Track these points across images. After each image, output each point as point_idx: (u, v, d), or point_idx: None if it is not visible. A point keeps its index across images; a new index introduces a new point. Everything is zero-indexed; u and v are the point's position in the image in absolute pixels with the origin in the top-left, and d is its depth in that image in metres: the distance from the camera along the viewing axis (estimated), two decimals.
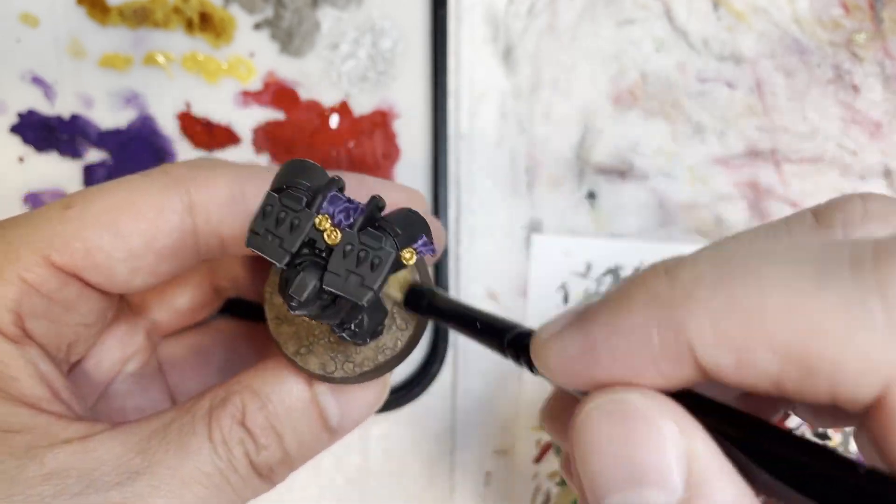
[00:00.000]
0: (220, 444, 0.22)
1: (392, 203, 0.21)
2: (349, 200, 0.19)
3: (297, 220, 0.19)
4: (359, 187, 0.26)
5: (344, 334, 0.21)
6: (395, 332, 0.23)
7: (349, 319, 0.21)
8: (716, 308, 0.15)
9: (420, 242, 0.19)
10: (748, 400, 0.22)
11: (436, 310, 0.22)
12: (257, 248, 0.19)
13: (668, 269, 0.16)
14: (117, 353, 0.28)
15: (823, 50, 0.36)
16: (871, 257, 0.14)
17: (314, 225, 0.19)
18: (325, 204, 0.19)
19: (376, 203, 0.19)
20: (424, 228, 0.19)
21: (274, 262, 0.19)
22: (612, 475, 0.16)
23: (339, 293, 0.18)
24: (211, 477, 0.21)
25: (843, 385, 0.14)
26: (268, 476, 0.23)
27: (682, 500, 0.15)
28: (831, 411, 0.20)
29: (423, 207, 0.29)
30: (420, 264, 0.24)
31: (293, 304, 0.18)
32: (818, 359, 0.14)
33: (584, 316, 0.18)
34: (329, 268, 0.18)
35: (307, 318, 0.23)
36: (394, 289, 0.23)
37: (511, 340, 0.20)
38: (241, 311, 0.33)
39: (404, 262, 0.19)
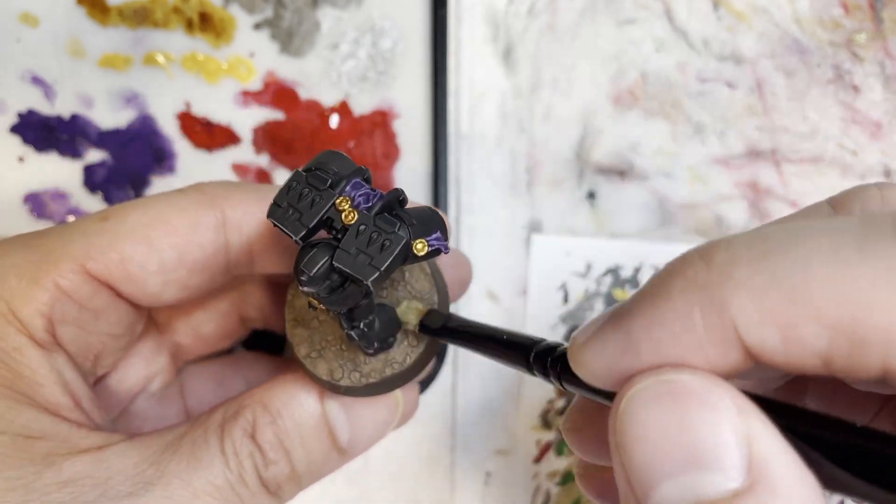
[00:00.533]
0: (232, 457, 0.22)
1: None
2: (372, 188, 0.19)
3: (318, 198, 0.19)
4: None
5: (353, 332, 0.21)
6: (405, 348, 0.23)
7: (359, 316, 0.21)
8: (757, 285, 0.15)
9: (434, 236, 0.19)
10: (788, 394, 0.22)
11: (451, 332, 0.22)
12: (277, 220, 0.19)
13: (701, 253, 0.16)
14: (142, 371, 0.28)
15: (823, 50, 0.36)
16: None
17: (334, 205, 0.19)
18: (347, 187, 0.19)
19: (397, 194, 0.20)
20: (441, 226, 0.19)
21: (290, 234, 0.19)
22: (663, 461, 0.15)
23: (346, 269, 0.18)
24: (222, 490, 0.22)
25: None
26: (275, 492, 0.23)
27: (745, 486, 0.14)
28: (847, 400, 0.20)
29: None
30: (441, 287, 0.24)
31: (303, 278, 0.18)
32: (868, 329, 0.14)
33: (619, 313, 0.17)
34: (341, 245, 0.18)
35: (321, 322, 0.23)
36: (411, 316, 0.23)
37: (538, 355, 0.20)
38: (264, 345, 0.34)
39: (416, 252, 0.19)
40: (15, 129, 0.36)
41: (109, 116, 0.36)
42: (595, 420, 0.22)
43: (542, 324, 0.37)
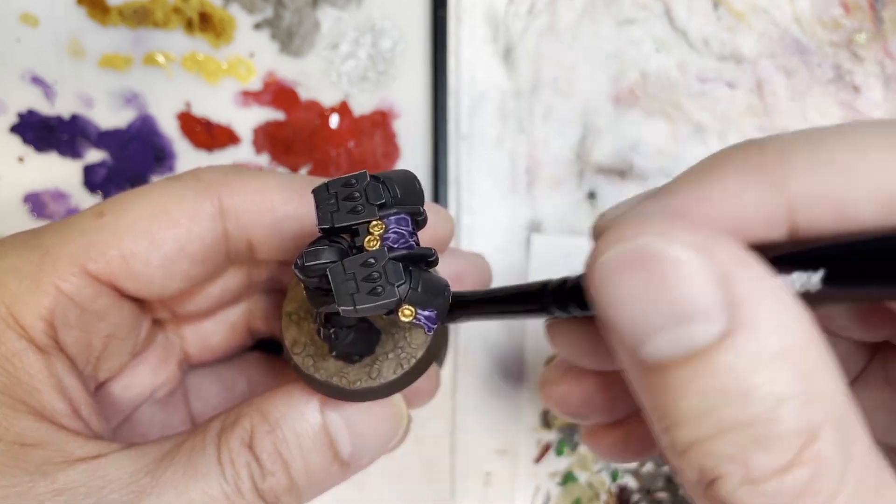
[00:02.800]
0: (228, 467, 0.21)
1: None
2: (413, 233, 0.19)
3: (361, 208, 0.19)
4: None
5: (322, 330, 0.21)
6: (392, 361, 0.22)
7: (336, 323, 0.21)
8: (816, 167, 0.16)
9: (427, 312, 0.19)
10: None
11: (462, 310, 0.22)
12: (316, 197, 0.19)
13: (754, 142, 0.17)
14: (148, 379, 0.28)
15: (824, 50, 0.36)
16: None
17: (368, 224, 0.19)
18: (392, 217, 0.19)
19: (427, 255, 0.19)
20: (441, 308, 0.19)
21: (317, 217, 0.19)
22: (649, 318, 0.15)
23: (331, 286, 0.18)
24: (217, 500, 0.21)
25: None
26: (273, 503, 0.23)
27: (730, 326, 0.15)
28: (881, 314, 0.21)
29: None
30: (432, 347, 0.23)
31: (298, 261, 0.18)
32: None
33: (663, 190, 0.17)
34: (346, 261, 0.18)
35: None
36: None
37: (553, 291, 0.20)
38: (270, 347, 0.33)
39: (401, 315, 0.19)
40: (15, 129, 0.36)
41: (109, 116, 0.36)
42: (570, 376, 0.23)
43: (541, 323, 0.37)
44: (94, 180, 0.37)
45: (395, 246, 0.19)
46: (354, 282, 0.18)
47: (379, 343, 0.22)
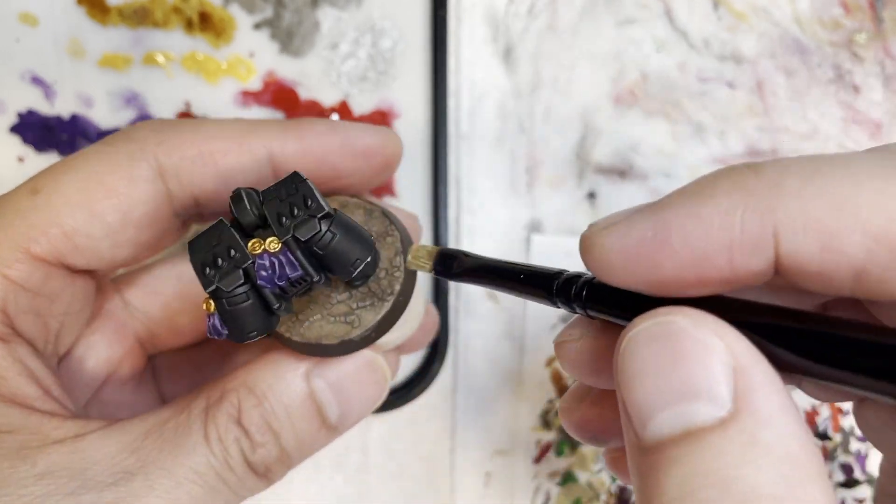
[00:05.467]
0: (216, 443, 0.21)
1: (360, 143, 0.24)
2: (291, 280, 0.20)
3: (289, 218, 0.19)
4: (331, 132, 0.25)
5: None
6: (370, 308, 0.22)
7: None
8: (806, 195, 0.16)
9: (216, 320, 0.20)
10: None
11: (470, 271, 0.22)
12: (277, 185, 0.20)
13: (750, 166, 0.17)
14: (104, 351, 0.27)
15: (824, 50, 0.36)
16: None
17: (271, 236, 0.19)
18: (282, 258, 0.19)
19: (272, 303, 0.20)
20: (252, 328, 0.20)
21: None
22: (659, 394, 0.16)
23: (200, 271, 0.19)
24: (206, 476, 0.21)
25: None
26: (264, 474, 0.23)
27: (731, 412, 0.15)
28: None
29: (396, 146, 0.28)
30: (402, 233, 0.23)
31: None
32: None
33: (656, 205, 0.17)
34: (215, 235, 0.20)
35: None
36: (422, 259, 0.23)
37: (561, 286, 0.20)
38: None
39: (205, 305, 0.20)
40: (15, 130, 0.36)
41: (109, 116, 0.36)
42: (588, 401, 0.24)
43: (541, 324, 0.37)
44: None
45: (263, 275, 0.19)
46: (212, 255, 0.19)
47: (354, 295, 0.23)
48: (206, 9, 0.36)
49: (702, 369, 0.15)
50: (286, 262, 0.19)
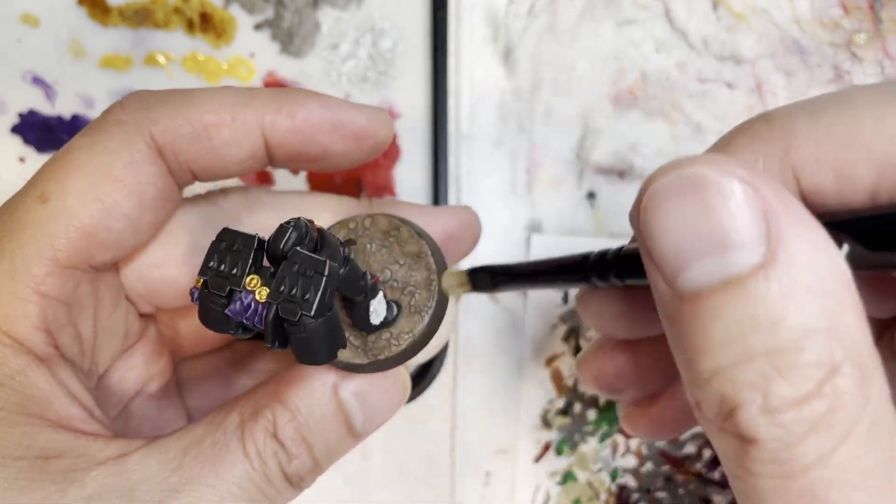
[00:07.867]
0: (255, 458, 0.22)
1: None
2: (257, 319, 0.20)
3: (298, 265, 0.19)
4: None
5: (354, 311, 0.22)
6: (410, 319, 0.23)
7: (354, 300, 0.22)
8: (814, 134, 0.17)
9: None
10: None
11: (505, 282, 0.24)
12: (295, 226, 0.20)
13: (762, 115, 0.18)
14: (142, 372, 0.28)
15: (823, 50, 0.36)
16: None
17: (263, 275, 0.20)
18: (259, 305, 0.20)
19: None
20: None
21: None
22: (690, 244, 0.16)
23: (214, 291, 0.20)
24: (247, 490, 0.22)
25: None
26: (298, 484, 0.23)
27: (766, 257, 0.15)
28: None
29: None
30: (435, 252, 0.24)
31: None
32: None
33: (686, 160, 0.18)
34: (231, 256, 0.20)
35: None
36: (455, 286, 0.24)
37: (594, 263, 0.21)
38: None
39: (196, 282, 0.20)
40: (16, 130, 0.36)
41: None
42: (605, 353, 0.26)
43: (542, 324, 0.37)
44: None
45: (235, 308, 0.19)
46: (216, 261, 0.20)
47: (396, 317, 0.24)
48: (207, 9, 0.36)
49: (732, 220, 0.15)
50: (258, 315, 0.19)
